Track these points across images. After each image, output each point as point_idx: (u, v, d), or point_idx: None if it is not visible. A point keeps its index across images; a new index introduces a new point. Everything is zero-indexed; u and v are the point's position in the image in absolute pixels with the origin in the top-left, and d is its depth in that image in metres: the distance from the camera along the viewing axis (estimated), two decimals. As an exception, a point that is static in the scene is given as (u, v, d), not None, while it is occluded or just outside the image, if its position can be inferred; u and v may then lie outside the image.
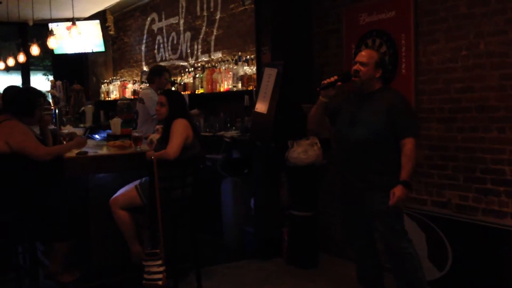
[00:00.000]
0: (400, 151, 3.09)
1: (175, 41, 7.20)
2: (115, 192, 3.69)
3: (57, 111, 5.95)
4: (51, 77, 9.93)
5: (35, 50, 7.45)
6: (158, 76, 5.04)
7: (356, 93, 3.24)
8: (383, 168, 3.12)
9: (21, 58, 8.16)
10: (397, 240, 3.10)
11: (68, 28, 6.65)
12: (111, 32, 9.18)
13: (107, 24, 9.08)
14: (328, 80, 3.14)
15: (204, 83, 5.91)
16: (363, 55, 3.17)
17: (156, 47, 7.77)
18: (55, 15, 7.88)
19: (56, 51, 8.67)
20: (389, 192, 3.05)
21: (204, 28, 6.47)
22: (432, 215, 3.66)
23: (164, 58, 7.53)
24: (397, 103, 3.13)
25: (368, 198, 3.14)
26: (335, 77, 3.14)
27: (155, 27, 7.79)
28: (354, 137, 3.14)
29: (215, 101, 5.96)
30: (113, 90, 8.75)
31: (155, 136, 3.87)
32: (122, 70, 9.13)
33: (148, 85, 5.27)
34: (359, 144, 3.13)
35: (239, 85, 5.34)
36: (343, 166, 3.28)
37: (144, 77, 7.86)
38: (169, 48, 7.37)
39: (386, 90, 3.24)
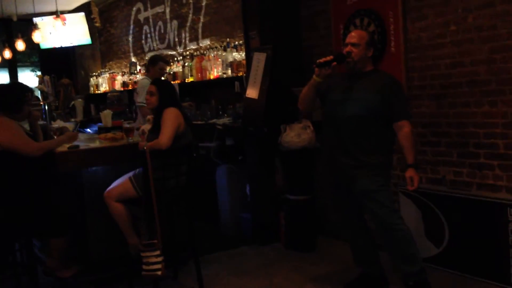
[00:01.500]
0: (390, 131, 3.12)
1: (162, 30, 7.13)
2: (110, 185, 3.67)
3: (46, 106, 5.90)
4: (38, 73, 9.83)
5: (20, 45, 7.38)
6: (152, 65, 4.96)
7: (348, 74, 3.24)
8: (373, 147, 3.12)
9: (7, 54, 8.08)
10: (389, 217, 3.11)
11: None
12: (97, 24, 9.07)
13: (92, 16, 8.97)
14: (324, 59, 3.12)
15: (194, 71, 5.87)
16: (353, 35, 3.17)
17: (143, 37, 7.70)
18: (39, 9, 7.77)
19: (43, 46, 8.57)
20: (379, 170, 3.08)
21: (190, 15, 6.41)
22: (427, 192, 3.68)
23: (152, 48, 7.47)
24: (391, 84, 3.14)
25: (358, 176, 3.14)
26: (331, 57, 3.13)
27: (141, 17, 7.71)
28: (346, 114, 3.13)
29: (205, 89, 5.92)
30: (102, 83, 8.68)
31: (146, 127, 3.84)
32: (111, 62, 9.05)
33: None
34: (350, 121, 3.12)
35: (229, 71, 5.30)
36: (332, 144, 3.26)
37: (133, 68, 7.81)
38: (157, 37, 7.31)
39: (378, 72, 3.25)
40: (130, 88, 7.48)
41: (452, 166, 3.62)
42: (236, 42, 5.31)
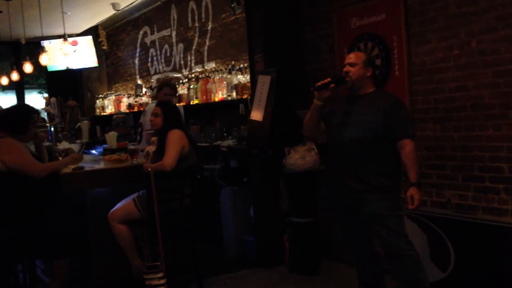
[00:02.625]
0: (396, 152, 3.08)
1: (168, 53, 7.21)
2: (113, 206, 3.67)
3: (52, 128, 5.93)
4: (45, 95, 9.92)
5: (28, 67, 7.45)
6: (158, 91, 5.02)
7: (350, 96, 3.24)
8: (379, 169, 3.09)
9: (15, 76, 8.16)
10: (397, 242, 3.07)
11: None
12: (104, 47, 9.20)
13: (99, 39, 9.11)
14: (322, 82, 3.12)
15: (199, 94, 5.91)
16: (351, 56, 3.21)
17: (149, 60, 7.78)
18: (47, 32, 7.88)
19: (50, 68, 8.67)
20: (387, 194, 3.05)
21: (196, 39, 6.49)
22: (432, 216, 3.65)
23: (157, 71, 7.54)
24: (393, 103, 3.11)
25: (365, 200, 3.10)
26: (329, 79, 3.13)
27: (147, 40, 7.80)
28: (349, 137, 3.11)
29: (210, 111, 5.96)
30: (108, 105, 8.75)
31: (151, 148, 3.86)
32: (117, 85, 9.13)
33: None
34: (354, 144, 3.09)
35: (234, 94, 5.34)
36: (337, 168, 3.22)
37: (139, 90, 7.87)
38: (163, 60, 7.38)
39: (380, 92, 3.25)
40: (136, 110, 7.53)
41: (457, 190, 3.60)
42: (241, 65, 5.35)
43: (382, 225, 3.08)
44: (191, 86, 6.10)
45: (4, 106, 4.42)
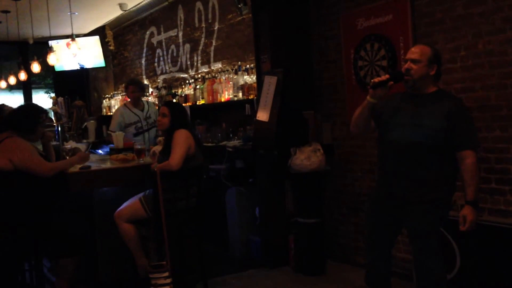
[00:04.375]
0: (454, 163, 2.79)
1: (174, 54, 7.23)
2: (120, 206, 3.69)
3: (59, 127, 5.97)
4: (52, 94, 9.98)
5: (35, 67, 7.50)
6: (126, 89, 5.33)
7: (408, 94, 2.89)
8: (434, 180, 2.80)
9: (22, 76, 8.22)
10: (431, 262, 2.83)
11: (68, 45, 6.66)
12: (111, 47, 9.24)
13: (106, 40, 9.15)
14: (379, 79, 2.78)
15: (205, 94, 5.93)
16: (414, 51, 2.81)
17: (156, 60, 7.81)
18: (55, 32, 7.94)
19: (57, 68, 8.72)
20: (435, 208, 2.81)
21: (203, 39, 6.51)
22: (438, 217, 3.63)
23: (164, 71, 7.56)
24: (457, 108, 2.77)
25: (410, 212, 2.83)
26: (387, 76, 2.78)
27: (154, 41, 7.83)
28: (406, 141, 2.78)
29: (216, 111, 5.97)
30: (114, 105, 8.77)
31: (157, 148, 3.88)
32: (123, 85, 9.16)
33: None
34: (410, 149, 2.77)
35: (240, 94, 5.35)
36: (386, 172, 2.93)
37: (145, 90, 7.90)
38: (169, 60, 7.41)
39: (442, 93, 2.88)
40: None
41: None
42: (248, 66, 5.36)
43: (421, 241, 2.84)
44: (198, 87, 6.12)
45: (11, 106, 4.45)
